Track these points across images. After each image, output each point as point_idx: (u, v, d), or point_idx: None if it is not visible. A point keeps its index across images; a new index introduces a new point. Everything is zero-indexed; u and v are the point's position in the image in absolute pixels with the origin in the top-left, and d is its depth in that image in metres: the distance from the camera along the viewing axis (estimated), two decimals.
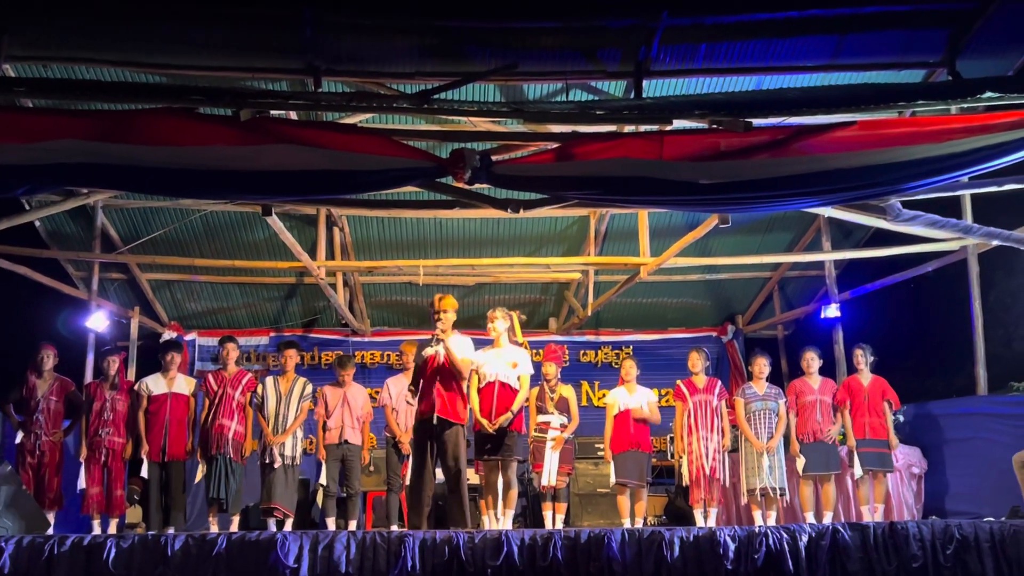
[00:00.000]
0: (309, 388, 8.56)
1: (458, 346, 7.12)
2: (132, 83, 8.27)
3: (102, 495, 8.24)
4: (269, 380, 8.53)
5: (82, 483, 8.23)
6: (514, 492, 7.40)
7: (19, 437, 8.21)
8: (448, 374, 7.03)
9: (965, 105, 7.03)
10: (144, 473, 8.28)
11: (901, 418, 9.68)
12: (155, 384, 8.45)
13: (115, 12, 7.78)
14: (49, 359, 8.41)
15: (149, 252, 11.04)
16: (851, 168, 6.37)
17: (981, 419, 9.35)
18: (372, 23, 7.90)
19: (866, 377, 8.75)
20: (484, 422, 7.33)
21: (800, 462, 8.47)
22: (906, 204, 8.11)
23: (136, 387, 8.51)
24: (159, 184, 6.98)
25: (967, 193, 9.07)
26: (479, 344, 7.53)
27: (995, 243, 8.99)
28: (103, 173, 6.39)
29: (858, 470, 8.50)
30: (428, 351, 7.05)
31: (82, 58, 8.19)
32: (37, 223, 10.55)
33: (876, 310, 12.06)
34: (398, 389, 8.70)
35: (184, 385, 8.53)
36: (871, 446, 8.51)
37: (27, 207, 9.69)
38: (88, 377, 10.47)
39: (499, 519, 7.31)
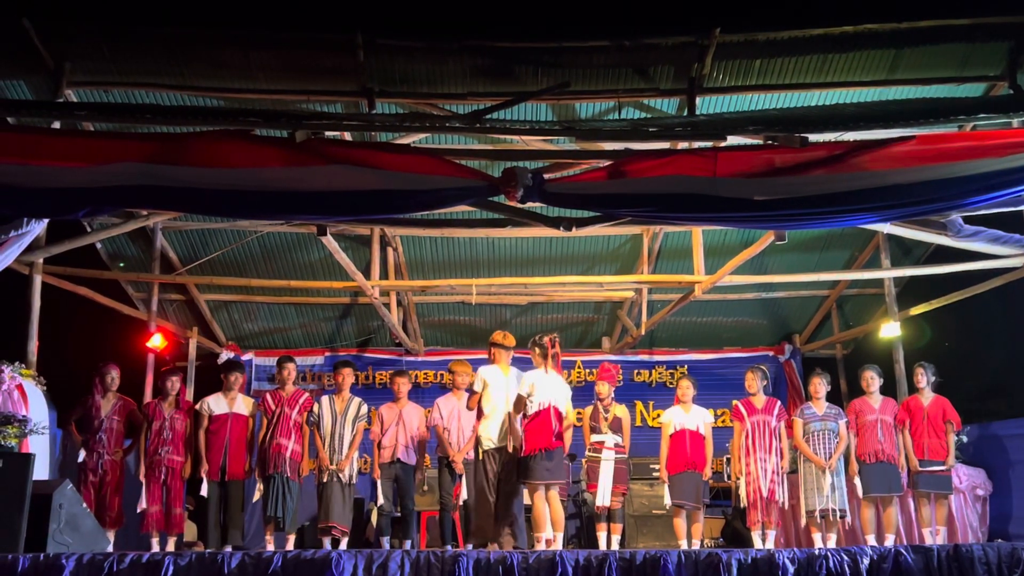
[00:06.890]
0: (364, 408, 8.57)
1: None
2: (190, 106, 8.45)
3: (161, 513, 8.33)
4: (324, 399, 8.57)
5: (143, 502, 8.34)
6: (562, 514, 7.34)
7: (81, 456, 8.31)
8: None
9: None
10: (203, 492, 8.37)
11: (964, 439, 9.47)
12: (216, 404, 8.55)
13: (173, 39, 7.99)
14: (113, 379, 8.53)
15: (207, 273, 11.22)
16: (910, 183, 6.25)
17: None
18: (424, 45, 8.00)
19: (927, 397, 8.58)
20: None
21: (861, 484, 8.32)
22: (968, 220, 7.96)
23: (198, 407, 8.61)
24: (216, 205, 7.10)
25: None
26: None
27: None
28: (162, 195, 6.48)
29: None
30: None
31: (141, 83, 8.39)
32: (98, 245, 10.77)
33: (937, 328, 11.82)
34: (449, 408, 8.69)
35: (244, 405, 8.62)
36: (931, 467, 8.35)
37: (88, 229, 9.88)
38: (147, 397, 10.59)
39: (549, 540, 7.26)
